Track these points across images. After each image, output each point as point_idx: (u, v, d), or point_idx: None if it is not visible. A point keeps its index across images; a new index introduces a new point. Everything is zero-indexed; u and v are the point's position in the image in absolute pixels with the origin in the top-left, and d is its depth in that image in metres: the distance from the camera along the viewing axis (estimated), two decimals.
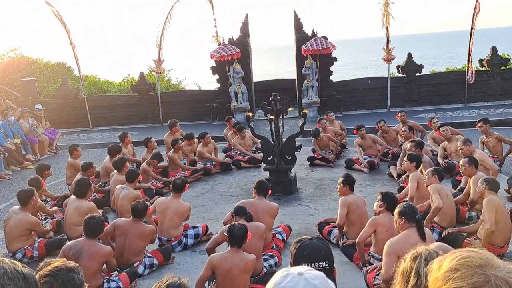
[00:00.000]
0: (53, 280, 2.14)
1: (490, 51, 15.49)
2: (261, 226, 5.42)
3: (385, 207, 5.29)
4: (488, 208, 5.43)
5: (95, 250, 5.03)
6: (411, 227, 4.51)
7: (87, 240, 5.10)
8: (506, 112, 13.80)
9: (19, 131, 12.48)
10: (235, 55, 14.73)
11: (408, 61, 15.60)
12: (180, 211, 6.52)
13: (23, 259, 6.33)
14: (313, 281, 1.43)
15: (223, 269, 4.54)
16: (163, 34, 15.72)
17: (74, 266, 2.25)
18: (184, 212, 6.56)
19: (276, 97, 8.40)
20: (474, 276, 1.23)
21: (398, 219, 4.59)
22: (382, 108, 15.57)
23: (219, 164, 10.18)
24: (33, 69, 21.48)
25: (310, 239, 2.12)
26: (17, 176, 10.99)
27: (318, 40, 14.62)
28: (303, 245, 2.08)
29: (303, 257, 2.06)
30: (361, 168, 9.42)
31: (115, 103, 16.79)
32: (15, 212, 6.48)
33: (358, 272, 5.45)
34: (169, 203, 6.56)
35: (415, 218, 4.52)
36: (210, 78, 16.64)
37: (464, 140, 7.55)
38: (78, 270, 2.25)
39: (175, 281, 2.13)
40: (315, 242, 2.11)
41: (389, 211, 5.30)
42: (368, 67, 54.15)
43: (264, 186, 6.26)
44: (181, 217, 6.56)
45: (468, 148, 7.30)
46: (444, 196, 6.02)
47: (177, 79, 23.14)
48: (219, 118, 15.51)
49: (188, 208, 6.63)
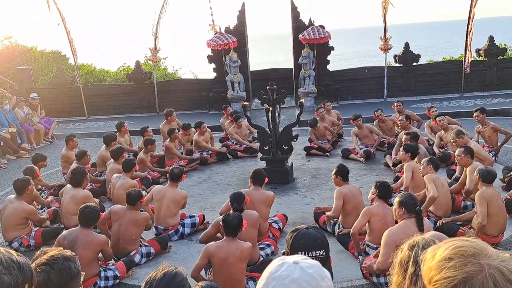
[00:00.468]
0: (50, 269, 2.15)
1: (487, 41, 15.45)
2: (254, 214, 5.45)
3: (377, 194, 5.34)
4: (479, 201, 5.48)
5: (89, 239, 5.04)
6: (410, 217, 4.53)
7: (82, 229, 5.12)
8: (502, 102, 13.82)
9: (15, 120, 12.42)
10: (231, 44, 14.66)
11: (405, 50, 15.56)
12: (176, 199, 6.52)
13: (19, 248, 6.34)
14: (309, 270, 1.43)
15: (219, 257, 4.57)
16: (159, 23, 15.61)
17: (70, 255, 2.25)
18: (180, 199, 6.56)
19: (272, 87, 8.38)
20: (468, 265, 1.24)
21: (398, 209, 4.61)
22: (379, 97, 15.56)
23: (215, 153, 10.19)
24: (27, 58, 21.35)
25: (306, 228, 2.13)
26: (13, 165, 10.96)
27: (315, 29, 14.57)
28: (299, 234, 2.09)
29: (300, 245, 2.07)
30: (357, 157, 9.44)
31: (111, 92, 16.71)
32: (11, 201, 6.48)
33: (353, 260, 5.49)
34: (166, 191, 6.57)
35: (415, 209, 4.54)
36: (207, 67, 16.56)
37: (457, 132, 7.53)
38: (74, 259, 2.25)
39: (171, 269, 2.13)
40: (312, 231, 2.13)
41: (381, 199, 5.34)
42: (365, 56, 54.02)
43: (259, 175, 6.26)
44: (178, 205, 6.56)
45: (461, 140, 7.30)
46: (439, 185, 6.05)
47: (173, 68, 23.07)
48: (215, 107, 15.47)
49: (184, 196, 6.64)
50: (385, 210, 5.27)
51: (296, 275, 1.41)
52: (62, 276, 2.15)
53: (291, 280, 1.40)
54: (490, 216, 5.46)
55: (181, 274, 2.13)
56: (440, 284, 1.26)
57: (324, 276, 1.46)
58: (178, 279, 2.11)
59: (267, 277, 1.45)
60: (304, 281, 1.40)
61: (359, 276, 5.14)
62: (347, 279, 5.15)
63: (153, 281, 2.08)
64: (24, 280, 1.64)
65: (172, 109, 10.96)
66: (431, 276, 1.31)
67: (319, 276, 1.45)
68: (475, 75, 15.14)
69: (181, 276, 2.13)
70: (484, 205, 5.42)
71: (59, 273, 2.15)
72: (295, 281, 1.40)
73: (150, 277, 2.11)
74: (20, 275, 1.62)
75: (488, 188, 5.53)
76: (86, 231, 5.11)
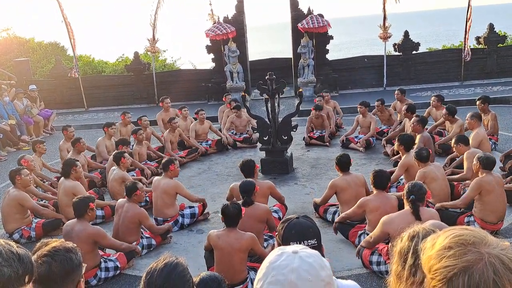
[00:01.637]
0: (51, 260, 2.15)
1: (487, 28, 15.36)
2: (262, 207, 5.36)
3: (372, 184, 5.41)
4: (471, 186, 5.57)
5: (81, 230, 5.09)
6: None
7: (77, 221, 5.19)
8: (502, 90, 13.78)
9: (14, 112, 12.40)
10: (230, 34, 14.56)
11: (405, 39, 15.47)
12: (166, 189, 6.53)
13: (20, 239, 6.37)
14: (308, 259, 1.44)
15: (219, 247, 4.62)
16: (157, 13, 15.51)
17: (72, 247, 2.25)
18: (170, 189, 6.53)
19: (271, 77, 8.35)
20: (468, 254, 1.24)
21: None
22: (379, 86, 15.51)
23: (214, 143, 10.18)
24: (26, 49, 21.25)
25: (296, 217, 2.13)
26: (13, 157, 10.90)
27: (314, 18, 14.46)
28: (291, 224, 2.09)
29: (292, 235, 2.07)
30: (357, 147, 9.44)
31: (110, 83, 16.65)
32: (8, 192, 6.57)
33: (353, 249, 5.49)
34: (159, 182, 6.64)
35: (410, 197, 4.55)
36: (206, 57, 16.48)
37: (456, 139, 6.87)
38: (76, 250, 2.25)
39: (172, 260, 2.13)
40: (302, 220, 2.13)
41: (378, 189, 5.35)
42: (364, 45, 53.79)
43: (246, 168, 6.20)
44: (170, 195, 6.56)
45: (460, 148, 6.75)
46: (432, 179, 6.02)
47: (172, 59, 22.96)
48: (214, 97, 15.44)
49: (174, 186, 6.58)
50: (382, 200, 5.28)
51: (295, 265, 1.41)
52: (64, 267, 2.15)
53: (290, 270, 1.40)
54: (488, 203, 5.48)
55: (182, 264, 2.14)
56: (440, 273, 1.26)
57: (323, 265, 1.47)
58: (179, 269, 2.11)
59: (267, 266, 1.45)
60: (304, 270, 1.41)
61: (359, 265, 5.16)
62: (347, 268, 5.18)
63: (154, 271, 2.08)
64: (25, 272, 1.64)
65: (166, 96, 11.02)
66: (431, 265, 1.31)
67: (318, 265, 1.45)
68: (475, 63, 15.07)
69: (182, 267, 2.14)
70: (474, 191, 5.50)
71: (61, 264, 2.15)
72: (294, 270, 1.40)
73: (151, 268, 2.11)
74: (20, 267, 1.62)
75: (489, 175, 5.53)
76: (80, 222, 5.15)
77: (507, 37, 16.31)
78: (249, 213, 4.98)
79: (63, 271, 2.15)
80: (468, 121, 7.58)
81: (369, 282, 4.84)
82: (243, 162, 6.31)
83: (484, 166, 5.54)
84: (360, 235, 5.53)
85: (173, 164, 6.65)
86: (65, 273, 2.15)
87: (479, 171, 5.62)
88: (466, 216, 5.75)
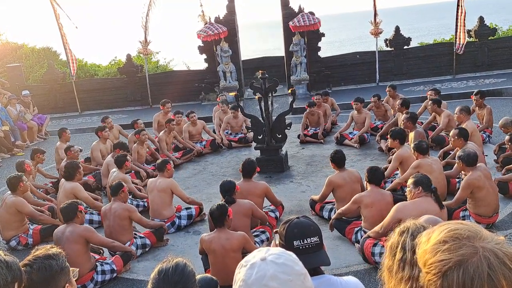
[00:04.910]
0: (30, 269, 2.17)
1: (477, 21, 15.41)
2: (246, 203, 5.46)
3: (366, 179, 5.44)
4: (462, 187, 5.55)
5: (71, 231, 5.09)
6: (427, 196, 4.61)
7: (67, 225, 5.20)
8: (494, 82, 13.84)
9: (7, 118, 12.33)
10: (222, 34, 14.55)
11: (396, 34, 15.51)
12: (162, 188, 6.53)
13: (17, 246, 6.36)
14: (279, 260, 1.42)
15: (212, 249, 4.66)
16: (148, 15, 15.47)
17: (53, 253, 2.25)
18: (165, 188, 6.54)
19: (264, 75, 8.34)
20: (463, 248, 1.24)
21: (414, 189, 4.68)
22: (371, 82, 15.55)
23: (209, 144, 10.17)
24: (18, 55, 21.15)
25: (297, 218, 2.15)
26: (8, 163, 10.89)
27: (305, 16, 14.47)
28: (292, 224, 2.10)
29: (295, 234, 2.08)
30: (351, 143, 9.45)
31: (103, 87, 16.61)
32: (5, 199, 6.50)
33: (350, 246, 5.51)
34: (155, 182, 6.66)
35: (431, 188, 4.64)
36: (199, 57, 16.47)
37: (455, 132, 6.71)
38: (58, 256, 2.25)
39: (181, 260, 2.17)
40: (303, 219, 2.14)
41: (372, 184, 5.37)
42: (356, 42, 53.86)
43: (247, 167, 6.22)
44: (166, 195, 6.56)
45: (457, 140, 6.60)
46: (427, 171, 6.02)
47: (165, 60, 22.91)
48: (208, 98, 15.43)
49: (169, 184, 6.59)
50: (377, 196, 5.30)
51: (271, 271, 1.39)
52: (43, 275, 2.17)
53: (269, 278, 1.38)
54: (481, 199, 5.50)
55: (189, 265, 2.18)
56: (435, 267, 1.27)
57: (293, 259, 1.45)
58: (188, 269, 2.15)
59: (243, 286, 1.40)
60: (281, 273, 1.39)
61: (357, 261, 5.17)
62: (345, 265, 5.18)
63: (167, 270, 2.11)
64: (14, 279, 1.64)
65: (167, 100, 10.96)
66: (425, 259, 1.31)
67: (290, 261, 1.43)
68: (466, 56, 15.12)
69: (190, 267, 2.18)
70: (465, 191, 5.51)
71: (39, 272, 2.17)
72: (273, 277, 1.38)
73: (162, 267, 2.13)
74: (9, 274, 1.62)
75: (476, 171, 5.52)
76: (70, 225, 5.16)
77: (498, 29, 16.33)
78: (234, 210, 5.03)
79: (42, 278, 2.17)
80: (457, 115, 7.67)
81: (367, 279, 4.84)
82: (247, 162, 6.32)
83: (467, 164, 5.54)
84: (356, 232, 5.53)
85: (169, 163, 6.76)
86: (43, 280, 2.17)
87: (464, 169, 5.63)
88: (461, 210, 5.75)
